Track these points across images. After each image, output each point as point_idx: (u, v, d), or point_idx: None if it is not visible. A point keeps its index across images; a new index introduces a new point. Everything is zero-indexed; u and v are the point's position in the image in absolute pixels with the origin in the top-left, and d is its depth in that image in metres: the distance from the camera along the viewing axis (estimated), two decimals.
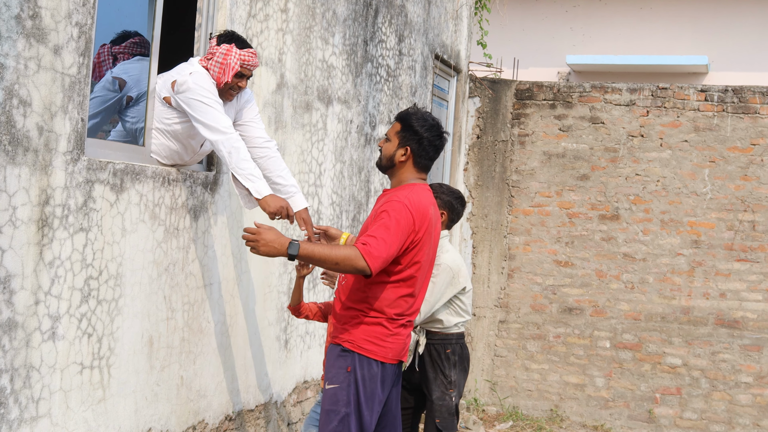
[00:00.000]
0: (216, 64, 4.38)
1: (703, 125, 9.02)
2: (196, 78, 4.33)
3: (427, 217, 4.11)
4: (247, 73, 4.48)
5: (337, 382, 4.11)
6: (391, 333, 4.13)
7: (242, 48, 4.43)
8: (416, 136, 4.19)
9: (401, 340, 4.19)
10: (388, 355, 4.14)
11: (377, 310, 4.10)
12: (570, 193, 9.36)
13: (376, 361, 4.11)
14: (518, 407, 9.33)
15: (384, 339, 4.12)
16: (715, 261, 8.93)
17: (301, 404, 6.18)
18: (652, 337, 9.02)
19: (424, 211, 4.10)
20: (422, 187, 4.22)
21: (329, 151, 6.35)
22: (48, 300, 3.58)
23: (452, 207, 5.42)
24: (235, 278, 5.19)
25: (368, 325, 4.11)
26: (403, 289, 4.12)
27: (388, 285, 4.09)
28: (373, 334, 4.10)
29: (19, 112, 3.33)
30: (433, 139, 4.22)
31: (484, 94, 9.76)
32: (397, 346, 4.18)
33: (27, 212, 3.42)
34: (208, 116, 4.26)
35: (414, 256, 4.10)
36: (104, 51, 5.12)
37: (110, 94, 4.93)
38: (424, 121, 4.22)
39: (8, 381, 3.39)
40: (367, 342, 4.10)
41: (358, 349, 4.10)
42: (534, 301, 9.40)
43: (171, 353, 4.55)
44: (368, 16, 6.86)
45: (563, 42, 14.23)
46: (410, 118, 4.22)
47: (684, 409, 8.89)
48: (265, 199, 4.30)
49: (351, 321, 4.14)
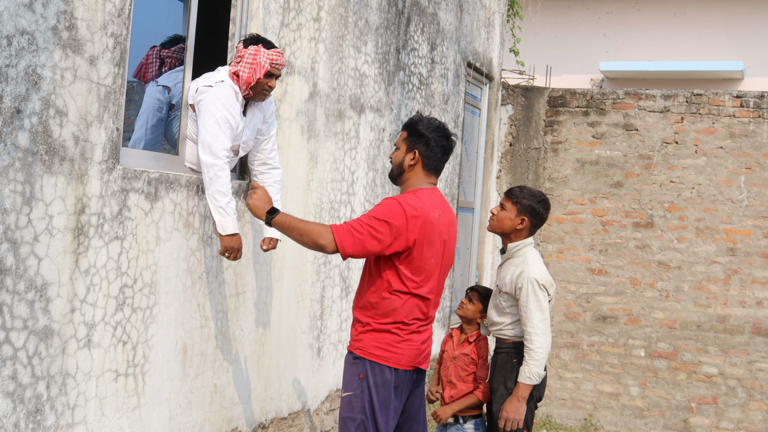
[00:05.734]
0: (246, 64, 4.43)
1: (739, 131, 8.93)
2: (218, 90, 4.34)
3: (424, 220, 4.08)
4: (276, 72, 4.51)
5: (351, 389, 4.14)
6: (403, 339, 4.13)
7: (269, 48, 4.49)
8: (423, 138, 4.20)
9: (414, 346, 4.18)
10: (402, 361, 4.14)
11: (386, 316, 4.11)
12: (604, 200, 9.30)
13: (388, 367, 4.12)
14: (552, 416, 9.27)
15: (395, 345, 4.12)
16: (752, 269, 8.83)
17: (333, 412, 6.18)
18: (688, 345, 8.94)
19: (421, 212, 4.07)
20: (427, 191, 4.21)
21: (362, 159, 6.35)
22: (84, 308, 3.61)
23: (534, 211, 4.81)
24: (268, 286, 5.21)
25: (378, 332, 4.13)
26: (412, 294, 4.12)
27: (396, 291, 4.10)
28: (383, 341, 4.12)
29: (55, 122, 3.37)
30: (439, 139, 4.22)
31: (517, 101, 9.73)
32: (411, 352, 4.17)
33: (63, 221, 3.46)
34: (211, 133, 4.26)
35: (416, 260, 4.09)
36: (153, 53, 5.17)
37: (160, 105, 4.97)
38: (430, 123, 4.24)
39: (44, 388, 3.42)
40: (377, 348, 4.12)
41: (369, 356, 4.12)
42: (568, 309, 9.34)
43: (205, 361, 4.57)
44: (400, 25, 6.86)
45: (596, 49, 14.15)
46: (416, 124, 4.25)
47: (720, 419, 8.79)
48: (224, 238, 4.31)
49: (362, 328, 4.17)
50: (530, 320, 4.65)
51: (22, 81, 3.19)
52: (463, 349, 5.00)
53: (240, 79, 4.42)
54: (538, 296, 4.67)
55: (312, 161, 5.60)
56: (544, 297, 4.70)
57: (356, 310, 4.23)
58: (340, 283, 6.15)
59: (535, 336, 4.63)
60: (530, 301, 4.66)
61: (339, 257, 6.09)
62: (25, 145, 3.22)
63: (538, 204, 4.82)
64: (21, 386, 3.30)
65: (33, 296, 3.32)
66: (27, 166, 3.24)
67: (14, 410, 3.27)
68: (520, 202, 4.80)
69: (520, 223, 4.81)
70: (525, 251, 4.82)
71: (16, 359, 3.26)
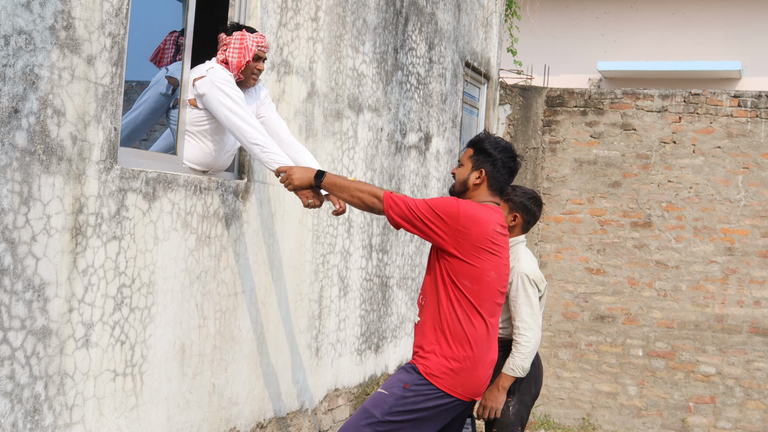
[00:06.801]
0: (234, 50, 4.54)
1: (737, 131, 8.94)
2: (214, 75, 4.45)
3: (479, 222, 3.98)
4: (262, 55, 4.63)
5: (388, 390, 4.03)
6: (463, 367, 3.96)
7: (252, 33, 4.60)
8: (490, 158, 4.13)
9: (471, 374, 3.99)
10: (457, 390, 3.97)
11: (447, 335, 3.97)
12: (602, 200, 9.30)
13: (441, 391, 3.95)
14: (550, 416, 9.27)
15: (454, 371, 3.95)
16: (749, 268, 8.83)
17: (332, 412, 6.18)
18: (686, 345, 8.94)
19: (475, 215, 3.98)
20: (488, 206, 4.11)
21: (360, 159, 6.35)
22: (81, 308, 3.61)
23: (526, 208, 4.88)
24: (267, 286, 5.21)
25: (437, 355, 3.97)
26: (469, 310, 3.98)
27: (456, 306, 3.97)
28: (443, 364, 3.96)
29: (53, 122, 3.37)
30: (507, 160, 4.15)
31: (515, 101, 9.73)
32: (467, 381, 3.99)
33: (61, 221, 3.46)
34: (238, 114, 4.42)
35: (475, 260, 3.97)
36: (171, 39, 5.20)
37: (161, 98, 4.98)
38: (497, 143, 4.17)
39: (42, 388, 3.42)
40: (438, 368, 3.96)
41: (425, 373, 3.96)
42: (566, 308, 9.35)
43: (203, 361, 4.57)
44: (398, 24, 6.86)
45: (594, 48, 14.16)
46: (483, 142, 4.18)
47: (718, 419, 8.80)
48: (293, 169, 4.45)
49: (427, 346, 4.03)
50: (519, 314, 4.69)
51: (20, 81, 3.19)
52: None
53: (230, 65, 4.54)
54: (528, 291, 4.71)
55: None
56: (534, 293, 4.74)
57: (420, 325, 4.14)
58: (338, 282, 6.15)
59: (523, 330, 4.67)
60: (520, 296, 4.70)
61: (338, 257, 6.09)
62: (22, 144, 3.22)
63: (529, 201, 4.88)
64: (19, 386, 3.30)
65: (31, 296, 3.32)
66: (25, 165, 3.24)
67: (12, 410, 3.27)
68: (512, 199, 4.84)
69: (512, 220, 4.84)
70: (517, 248, 4.84)
71: (14, 359, 3.26)
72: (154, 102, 4.96)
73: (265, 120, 4.81)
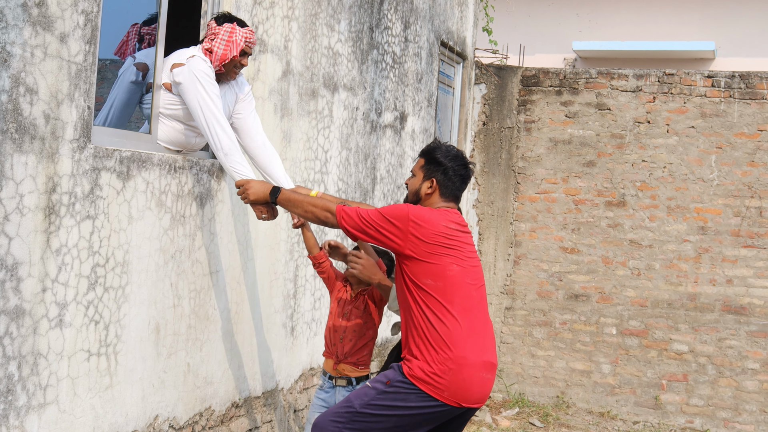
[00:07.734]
0: (222, 41, 4.47)
1: (710, 111, 8.99)
2: (193, 65, 4.38)
3: (429, 221, 3.98)
4: (249, 51, 4.60)
5: (372, 384, 4.03)
6: (445, 369, 3.91)
7: (242, 27, 4.55)
8: (441, 167, 4.14)
9: (456, 377, 3.93)
10: (443, 394, 3.92)
11: (424, 340, 3.96)
12: (576, 179, 9.34)
13: (424, 393, 3.93)
14: (524, 394, 9.34)
15: (437, 374, 3.92)
16: (722, 247, 8.91)
17: (307, 391, 6.20)
18: (659, 323, 9.02)
19: (424, 215, 3.99)
20: (440, 209, 4.11)
21: (335, 138, 6.34)
22: (55, 287, 3.60)
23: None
24: (242, 265, 5.20)
25: (420, 360, 3.95)
26: (438, 310, 3.96)
27: (425, 309, 3.96)
28: (425, 368, 3.93)
29: (25, 100, 3.34)
30: (458, 168, 4.16)
31: (490, 80, 9.74)
32: (452, 384, 3.93)
33: (34, 200, 3.43)
34: (210, 110, 4.37)
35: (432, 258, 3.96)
36: (133, 31, 5.14)
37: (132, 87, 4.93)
38: (448, 152, 4.18)
39: (16, 368, 3.41)
40: (420, 371, 3.94)
41: (409, 375, 3.95)
42: (540, 287, 9.40)
43: (178, 340, 4.57)
44: (374, 3, 6.84)
45: (569, 28, 14.17)
46: (434, 152, 4.19)
47: (690, 396, 8.90)
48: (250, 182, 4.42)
49: (409, 354, 4.03)
50: None
51: None
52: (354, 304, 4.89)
53: (214, 56, 4.46)
54: None
55: (285, 140, 5.59)
56: None
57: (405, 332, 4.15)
58: None
59: None
60: None
61: None
62: None
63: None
64: None
65: (3, 276, 3.30)
66: None
67: None
68: None
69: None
70: None
71: None
72: (125, 92, 4.90)
73: (241, 117, 4.74)
